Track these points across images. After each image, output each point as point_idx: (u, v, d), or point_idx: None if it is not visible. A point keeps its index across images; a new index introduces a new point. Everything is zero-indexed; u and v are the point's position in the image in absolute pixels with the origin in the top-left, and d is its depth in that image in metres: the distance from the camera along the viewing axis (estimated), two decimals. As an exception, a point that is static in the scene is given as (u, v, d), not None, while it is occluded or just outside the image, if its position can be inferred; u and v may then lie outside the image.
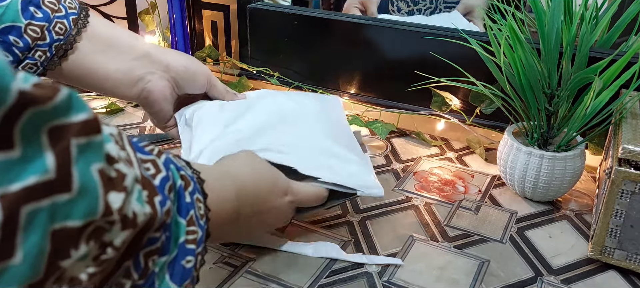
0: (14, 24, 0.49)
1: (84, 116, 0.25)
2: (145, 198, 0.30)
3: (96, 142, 0.26)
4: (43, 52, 0.52)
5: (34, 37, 0.50)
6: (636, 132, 0.56)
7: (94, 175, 0.25)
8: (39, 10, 0.51)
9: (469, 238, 0.60)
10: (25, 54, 0.51)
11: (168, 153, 0.37)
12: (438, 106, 0.83)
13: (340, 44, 0.89)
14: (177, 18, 0.87)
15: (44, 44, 0.51)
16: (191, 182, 0.37)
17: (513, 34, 0.62)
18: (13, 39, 0.49)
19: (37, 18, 0.50)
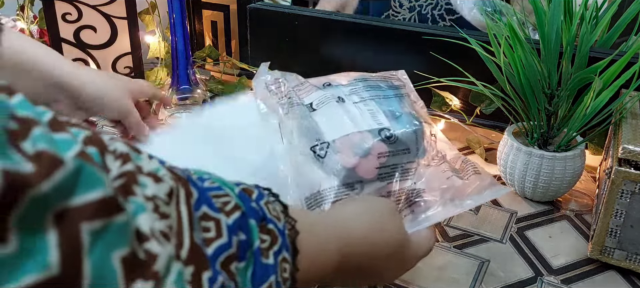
0: None
1: (99, 194, 0.21)
2: (188, 278, 0.24)
3: (117, 224, 0.21)
4: None
5: None
6: (636, 132, 0.56)
7: (114, 264, 0.21)
8: None
9: (469, 238, 0.60)
10: None
11: (259, 198, 0.32)
12: (438, 106, 0.83)
13: (340, 44, 0.89)
14: (177, 18, 0.87)
15: None
16: (279, 238, 0.31)
17: (513, 34, 0.62)
18: None
19: None
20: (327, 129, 0.51)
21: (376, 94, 0.56)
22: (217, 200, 0.29)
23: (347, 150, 0.49)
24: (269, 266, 0.30)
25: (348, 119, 0.52)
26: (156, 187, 0.24)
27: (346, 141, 0.50)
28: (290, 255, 0.32)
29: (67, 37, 0.91)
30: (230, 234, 0.28)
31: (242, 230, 0.29)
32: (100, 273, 0.20)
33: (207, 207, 0.27)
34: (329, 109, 0.53)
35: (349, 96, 0.55)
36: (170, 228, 0.24)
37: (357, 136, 0.50)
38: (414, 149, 0.51)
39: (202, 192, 0.28)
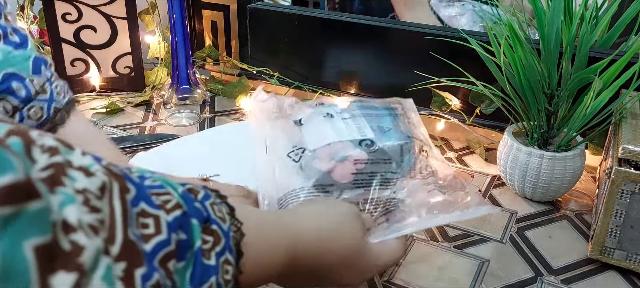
0: None
1: (8, 179, 0.20)
2: (120, 274, 0.23)
3: (31, 211, 0.20)
4: None
5: None
6: (636, 132, 0.56)
7: (26, 253, 0.20)
8: None
9: (469, 238, 0.60)
10: None
11: (205, 199, 0.32)
12: (438, 106, 0.83)
13: (340, 44, 0.89)
14: (177, 18, 0.87)
15: None
16: (223, 239, 0.31)
17: (513, 34, 0.62)
18: None
19: None
20: (309, 139, 0.52)
21: (368, 112, 0.57)
22: (157, 197, 0.28)
23: (326, 157, 0.50)
24: (210, 267, 0.29)
25: (332, 131, 0.53)
26: (87, 181, 0.24)
27: (326, 149, 0.51)
28: (234, 257, 0.31)
29: (67, 37, 0.91)
30: (169, 231, 0.27)
31: (183, 229, 0.28)
32: (9, 261, 0.19)
33: (146, 204, 0.27)
34: (316, 123, 0.54)
35: (340, 113, 0.56)
36: (102, 222, 0.23)
37: (338, 145, 0.51)
38: (397, 161, 0.51)
39: (141, 188, 0.27)
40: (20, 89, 0.48)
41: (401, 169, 0.51)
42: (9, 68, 0.47)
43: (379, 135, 0.53)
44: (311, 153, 0.51)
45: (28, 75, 0.48)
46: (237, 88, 0.96)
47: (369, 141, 0.52)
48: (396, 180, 0.51)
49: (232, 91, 0.97)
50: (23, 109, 0.48)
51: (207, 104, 0.94)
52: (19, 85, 0.48)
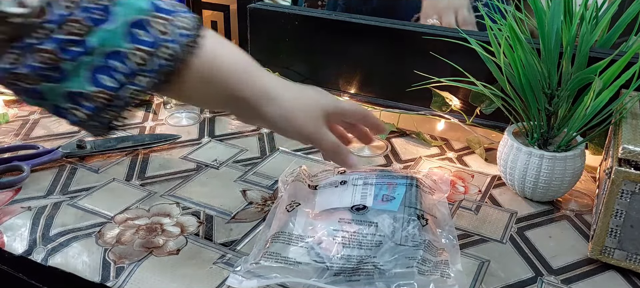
0: (117, 48, 0.44)
1: None
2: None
3: None
4: (150, 78, 0.46)
5: (138, 63, 0.45)
6: (636, 132, 0.56)
7: None
8: (145, 33, 0.45)
9: (469, 238, 0.60)
10: (130, 79, 0.45)
11: None
12: (438, 106, 0.83)
13: (340, 44, 0.89)
14: (177, 18, 0.88)
15: (149, 69, 0.45)
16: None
17: (513, 34, 0.62)
18: (115, 65, 0.44)
19: (143, 41, 0.45)
20: (317, 204, 0.56)
21: (383, 180, 0.59)
22: None
23: (321, 225, 0.53)
24: None
25: (337, 197, 0.56)
26: None
27: (324, 216, 0.54)
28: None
29: (67, 37, 0.91)
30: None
31: None
32: None
33: None
34: (328, 190, 0.58)
35: (355, 180, 0.59)
36: None
37: (333, 214, 0.54)
38: (386, 230, 0.52)
39: None
40: (163, 3, 0.47)
41: (390, 237, 0.52)
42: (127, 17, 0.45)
43: (377, 202, 0.55)
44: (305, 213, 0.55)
45: (146, 14, 0.46)
46: (237, 88, 0.96)
47: (361, 206, 0.54)
48: (380, 244, 0.51)
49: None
50: (174, 20, 0.47)
51: (207, 104, 0.94)
52: (141, 31, 0.46)
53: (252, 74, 0.51)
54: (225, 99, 0.51)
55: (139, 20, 0.45)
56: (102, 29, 0.44)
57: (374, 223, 0.52)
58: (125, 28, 0.44)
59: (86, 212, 0.62)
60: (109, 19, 0.44)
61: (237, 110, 0.54)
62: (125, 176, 0.70)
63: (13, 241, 0.58)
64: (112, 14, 0.44)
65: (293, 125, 0.52)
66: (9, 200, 0.64)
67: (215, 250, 0.57)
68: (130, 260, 0.54)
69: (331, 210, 0.55)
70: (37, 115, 0.88)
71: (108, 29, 0.44)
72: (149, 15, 0.45)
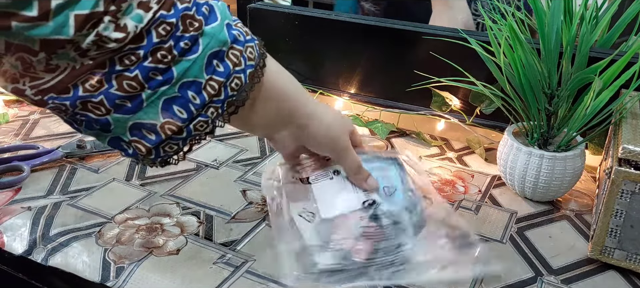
0: (195, 79, 0.44)
1: None
2: None
3: None
4: (215, 109, 0.46)
5: (211, 94, 0.45)
6: (636, 132, 0.56)
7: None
8: (222, 64, 0.45)
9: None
10: (199, 111, 0.45)
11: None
12: (438, 106, 0.83)
13: (340, 44, 0.89)
14: (177, 18, 0.88)
15: (218, 100, 0.45)
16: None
17: (513, 34, 0.62)
18: (191, 95, 0.44)
19: (218, 72, 0.45)
20: (320, 205, 0.55)
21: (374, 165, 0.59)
22: None
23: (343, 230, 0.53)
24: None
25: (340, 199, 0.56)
26: None
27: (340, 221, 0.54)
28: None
29: (67, 37, 0.91)
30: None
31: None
32: None
33: None
34: (324, 185, 0.57)
35: None
36: None
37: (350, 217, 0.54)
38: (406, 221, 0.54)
39: None
40: (239, 35, 0.47)
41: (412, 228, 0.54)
42: (226, 18, 0.46)
43: (385, 198, 0.56)
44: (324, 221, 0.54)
45: (232, 21, 0.47)
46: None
47: (371, 201, 0.55)
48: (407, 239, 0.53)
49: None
50: (244, 52, 0.47)
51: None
52: (237, 32, 0.47)
53: (300, 99, 0.54)
54: (275, 122, 0.53)
55: (219, 51, 0.45)
56: (186, 59, 0.43)
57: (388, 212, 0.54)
58: (205, 59, 0.44)
59: (86, 212, 0.62)
60: (193, 50, 0.43)
61: (282, 130, 0.55)
62: (125, 176, 0.70)
63: (13, 241, 0.58)
64: (197, 44, 0.43)
65: (331, 137, 0.55)
66: (9, 200, 0.64)
67: (215, 250, 0.57)
68: (130, 260, 0.54)
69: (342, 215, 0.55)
70: (37, 115, 0.88)
71: (191, 59, 0.43)
72: (227, 47, 0.45)
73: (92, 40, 0.38)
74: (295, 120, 0.54)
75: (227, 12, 0.47)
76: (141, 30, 0.40)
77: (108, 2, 0.38)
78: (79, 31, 0.38)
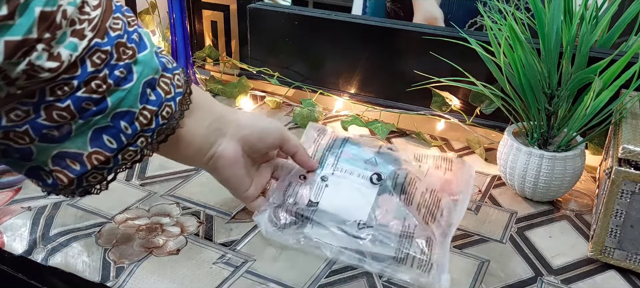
0: (130, 109, 0.43)
1: None
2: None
3: None
4: (145, 138, 0.45)
5: (143, 124, 0.44)
6: (636, 132, 0.56)
7: None
8: (154, 93, 0.44)
9: (469, 238, 0.60)
10: (130, 140, 0.44)
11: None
12: (438, 106, 0.83)
13: (340, 44, 0.89)
14: (177, 18, 0.87)
15: (149, 129, 0.45)
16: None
17: (513, 34, 0.62)
18: (124, 126, 0.43)
19: (151, 101, 0.44)
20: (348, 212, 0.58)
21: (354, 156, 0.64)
22: None
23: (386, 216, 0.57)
24: None
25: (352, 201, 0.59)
26: None
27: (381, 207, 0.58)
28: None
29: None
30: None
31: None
32: None
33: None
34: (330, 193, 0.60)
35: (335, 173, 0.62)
36: None
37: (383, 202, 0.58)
38: None
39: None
40: (168, 63, 0.46)
41: None
42: (153, 46, 0.45)
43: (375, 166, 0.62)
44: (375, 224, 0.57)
45: (157, 49, 0.46)
46: (237, 88, 0.96)
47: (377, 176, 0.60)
48: None
49: (232, 91, 0.97)
50: (173, 80, 0.46)
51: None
52: (165, 59, 0.46)
53: (223, 107, 0.56)
54: (209, 133, 0.53)
55: (151, 79, 0.44)
56: (121, 88, 0.42)
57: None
58: (141, 88, 0.43)
59: (86, 212, 0.62)
60: (128, 78, 0.42)
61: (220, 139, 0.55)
62: (125, 176, 0.70)
63: (13, 241, 0.58)
64: (132, 72, 0.42)
65: (259, 124, 0.57)
66: (9, 200, 0.64)
67: (215, 250, 0.57)
68: (130, 260, 0.54)
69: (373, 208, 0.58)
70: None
71: (126, 89, 0.42)
72: (159, 74, 0.44)
73: (22, 69, 0.36)
74: (229, 123, 0.54)
75: (152, 39, 0.46)
76: (76, 59, 0.38)
77: (42, 29, 0.36)
78: (9, 59, 0.35)
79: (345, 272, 0.54)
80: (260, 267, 0.54)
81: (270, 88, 0.98)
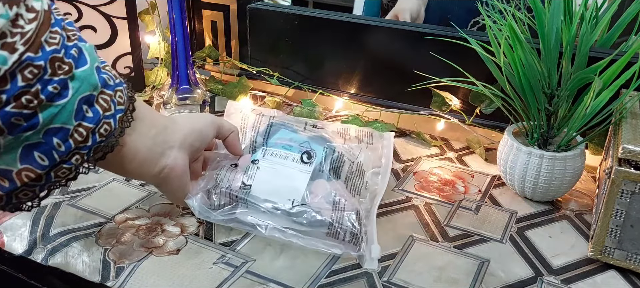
0: (63, 126, 0.41)
1: None
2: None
3: None
4: (81, 156, 0.44)
5: (77, 141, 0.43)
6: (636, 132, 0.56)
7: None
8: (91, 110, 0.43)
9: (469, 238, 0.60)
10: (64, 158, 0.43)
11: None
12: (438, 106, 0.83)
13: (340, 44, 0.89)
14: (177, 18, 0.87)
15: (85, 147, 0.44)
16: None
17: (513, 34, 0.62)
18: (56, 142, 0.41)
19: (87, 118, 0.43)
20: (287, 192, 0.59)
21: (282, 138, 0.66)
22: None
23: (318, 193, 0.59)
24: None
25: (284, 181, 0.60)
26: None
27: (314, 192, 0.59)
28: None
29: (67, 37, 0.91)
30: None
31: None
32: None
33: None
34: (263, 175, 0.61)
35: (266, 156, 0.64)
36: None
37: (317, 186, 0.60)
38: None
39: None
40: (109, 79, 0.45)
41: None
42: (95, 61, 0.44)
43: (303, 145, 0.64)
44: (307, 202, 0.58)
45: (101, 64, 0.46)
46: (237, 88, 0.96)
47: (307, 154, 0.62)
48: None
49: (232, 91, 0.97)
50: (114, 97, 0.46)
51: (207, 104, 0.94)
52: (106, 75, 0.45)
53: (166, 119, 0.55)
54: (155, 144, 0.53)
55: (89, 96, 0.43)
56: (54, 104, 0.40)
57: None
58: (76, 105, 0.42)
59: (86, 212, 0.62)
60: (62, 94, 0.40)
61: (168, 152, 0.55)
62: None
63: (13, 241, 0.58)
64: (67, 88, 0.41)
65: (198, 126, 0.58)
66: (9, 200, 0.64)
67: (215, 250, 0.57)
68: (130, 260, 0.54)
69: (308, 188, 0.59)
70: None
71: (59, 105, 0.41)
72: (98, 91, 0.43)
73: None
74: (175, 132, 0.55)
75: (96, 54, 0.45)
76: (5, 73, 0.37)
77: None
78: None
79: (345, 272, 0.54)
80: (260, 267, 0.54)
81: (270, 88, 0.98)
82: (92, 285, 0.53)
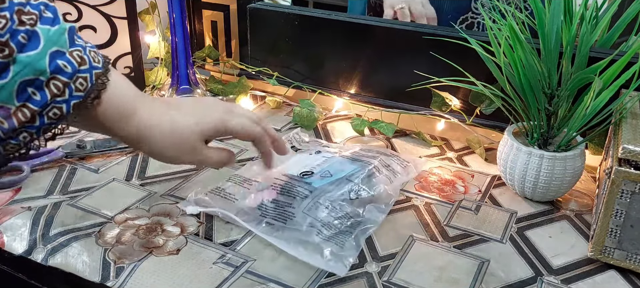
0: (4, 104, 0.43)
1: None
2: None
3: None
4: (29, 134, 0.46)
5: (21, 120, 0.44)
6: (636, 132, 0.56)
7: None
8: (39, 93, 0.45)
9: (469, 238, 0.60)
10: (9, 134, 0.44)
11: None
12: (438, 106, 0.83)
13: (340, 44, 0.89)
14: (177, 18, 0.87)
15: (31, 126, 0.45)
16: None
17: (513, 34, 0.62)
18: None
19: (34, 101, 0.45)
20: None
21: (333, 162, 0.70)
22: None
23: None
24: None
25: None
26: None
27: None
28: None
29: (67, 37, 0.91)
30: None
31: None
32: None
33: None
34: None
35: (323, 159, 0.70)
36: None
37: None
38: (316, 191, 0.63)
39: None
40: (66, 66, 0.46)
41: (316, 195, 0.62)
42: (52, 47, 0.45)
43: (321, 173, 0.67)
44: None
45: (67, 49, 0.46)
46: (237, 88, 0.96)
47: (309, 172, 0.67)
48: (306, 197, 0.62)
49: (232, 91, 0.97)
50: (71, 83, 0.46)
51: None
52: (64, 61, 0.46)
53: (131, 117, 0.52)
54: (105, 132, 0.53)
55: (34, 79, 0.44)
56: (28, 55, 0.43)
57: (309, 184, 0.64)
58: (15, 86, 0.43)
59: (86, 212, 0.62)
60: (2, 76, 0.42)
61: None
62: (125, 176, 0.70)
63: (13, 241, 0.58)
64: (8, 71, 0.43)
65: (165, 159, 0.55)
66: (9, 200, 0.64)
67: (215, 250, 0.57)
68: (130, 260, 0.54)
69: None
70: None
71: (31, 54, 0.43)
72: (46, 76, 0.45)
73: None
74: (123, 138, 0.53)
75: (61, 38, 0.46)
76: None
77: None
78: None
79: (345, 272, 0.54)
80: (260, 267, 0.54)
81: (270, 88, 0.98)
82: (92, 285, 0.53)
